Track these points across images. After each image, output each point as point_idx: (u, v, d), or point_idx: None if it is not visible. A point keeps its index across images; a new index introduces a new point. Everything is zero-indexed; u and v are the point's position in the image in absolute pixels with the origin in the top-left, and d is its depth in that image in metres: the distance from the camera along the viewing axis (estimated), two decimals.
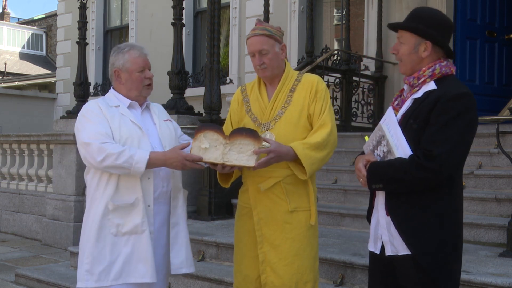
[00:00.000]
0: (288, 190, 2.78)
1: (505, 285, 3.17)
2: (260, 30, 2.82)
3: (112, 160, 2.65)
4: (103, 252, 2.74)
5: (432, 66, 2.32)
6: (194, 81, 10.32)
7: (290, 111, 2.81)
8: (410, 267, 2.26)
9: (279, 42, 2.85)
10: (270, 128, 2.81)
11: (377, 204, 2.39)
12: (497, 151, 4.99)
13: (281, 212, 2.79)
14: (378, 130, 2.32)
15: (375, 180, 2.27)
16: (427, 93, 2.28)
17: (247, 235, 2.89)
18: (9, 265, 5.97)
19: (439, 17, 2.37)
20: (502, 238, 4.11)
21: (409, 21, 2.36)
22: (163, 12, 10.15)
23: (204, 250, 4.74)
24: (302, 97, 2.83)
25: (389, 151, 2.26)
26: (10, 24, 28.49)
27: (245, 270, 2.90)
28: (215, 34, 5.96)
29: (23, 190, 8.24)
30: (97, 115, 2.78)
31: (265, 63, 2.80)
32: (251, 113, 2.91)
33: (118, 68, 2.87)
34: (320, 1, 9.35)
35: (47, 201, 7.46)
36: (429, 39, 2.31)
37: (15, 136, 8.34)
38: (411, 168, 2.17)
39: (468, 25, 7.34)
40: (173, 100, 6.07)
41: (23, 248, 7.04)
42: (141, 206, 2.75)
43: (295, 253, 2.78)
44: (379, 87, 7.78)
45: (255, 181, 2.82)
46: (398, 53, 2.39)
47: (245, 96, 2.99)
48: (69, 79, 12.03)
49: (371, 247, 2.44)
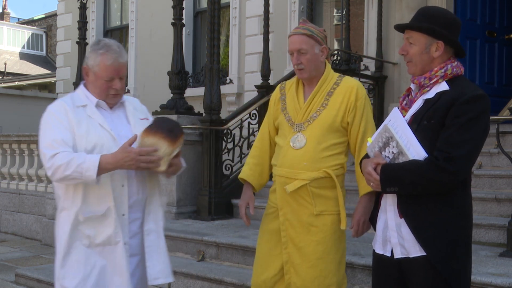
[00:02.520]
0: (314, 193, 2.77)
1: (505, 285, 3.17)
2: (302, 29, 2.81)
3: (61, 172, 2.45)
4: (77, 265, 2.56)
5: (444, 66, 2.29)
6: (194, 81, 10.32)
7: (324, 114, 2.79)
8: (421, 269, 2.23)
9: (320, 44, 2.83)
10: (303, 129, 2.80)
11: (385, 206, 2.36)
12: (497, 151, 4.99)
13: (307, 214, 2.79)
14: (384, 131, 2.26)
15: (390, 184, 2.21)
16: (439, 94, 2.26)
17: (270, 234, 2.88)
18: (9, 265, 5.97)
19: (451, 17, 2.35)
20: (502, 238, 4.11)
21: (419, 21, 2.31)
22: (163, 12, 10.14)
23: (204, 250, 4.74)
24: (339, 102, 2.80)
25: (400, 152, 2.21)
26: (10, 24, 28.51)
27: (260, 268, 2.89)
28: (215, 34, 5.95)
29: (23, 190, 8.24)
30: (58, 119, 2.56)
31: (302, 63, 2.79)
32: (285, 112, 2.90)
33: (88, 66, 2.63)
34: (320, 1, 9.34)
35: (47, 201, 7.46)
36: (442, 39, 2.28)
37: (15, 136, 8.34)
38: (430, 171, 2.14)
39: (468, 25, 7.33)
40: (173, 100, 6.07)
41: (23, 248, 7.04)
42: (113, 216, 2.56)
43: (319, 256, 2.76)
44: (379, 87, 7.77)
45: (283, 182, 2.81)
46: (408, 54, 2.33)
47: (282, 94, 2.97)
48: (69, 79, 12.03)
49: (378, 249, 2.41)
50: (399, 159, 2.22)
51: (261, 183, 3.02)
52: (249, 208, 2.97)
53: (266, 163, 2.99)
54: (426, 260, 2.22)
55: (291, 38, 2.83)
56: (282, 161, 2.82)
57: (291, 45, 2.81)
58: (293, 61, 2.82)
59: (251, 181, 2.99)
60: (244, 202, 2.99)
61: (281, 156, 2.84)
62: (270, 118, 3.01)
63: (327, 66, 2.90)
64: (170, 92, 6.18)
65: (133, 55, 11.25)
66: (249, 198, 2.99)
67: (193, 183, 5.96)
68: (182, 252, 4.90)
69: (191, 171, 5.93)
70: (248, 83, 9.08)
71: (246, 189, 3.01)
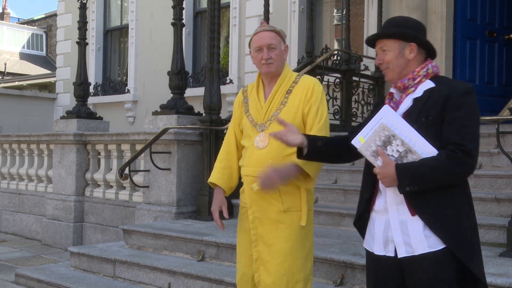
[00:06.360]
0: (281, 190, 2.80)
1: (505, 285, 3.16)
2: (268, 27, 2.89)
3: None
4: None
5: (424, 66, 2.39)
6: (194, 81, 10.32)
7: (284, 112, 2.84)
8: (429, 265, 2.26)
9: (284, 42, 2.92)
10: (265, 128, 2.85)
11: (384, 208, 2.37)
12: (497, 151, 4.99)
13: (275, 211, 2.83)
14: (382, 130, 2.26)
15: (411, 182, 2.22)
16: (428, 91, 2.33)
17: (245, 234, 2.94)
18: (9, 265, 5.97)
19: (416, 21, 2.48)
20: (502, 238, 4.11)
21: (390, 29, 2.43)
22: (163, 12, 10.15)
23: (204, 250, 4.74)
24: (298, 99, 2.86)
25: (408, 150, 2.23)
26: (10, 24, 28.49)
27: (242, 268, 2.95)
28: (215, 34, 5.95)
29: (23, 190, 8.24)
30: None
31: (272, 58, 2.84)
32: (248, 114, 2.95)
33: None
34: (320, 1, 9.34)
35: (47, 201, 7.46)
36: (414, 41, 2.38)
37: (15, 136, 8.34)
38: (453, 165, 2.21)
39: (468, 25, 7.34)
40: (173, 100, 6.07)
41: (23, 248, 7.04)
42: None
43: (287, 252, 2.80)
44: (379, 87, 7.77)
45: (250, 181, 2.85)
46: (384, 62, 2.43)
47: (245, 97, 3.03)
48: (69, 79, 12.03)
49: (378, 251, 2.41)
50: (408, 157, 2.24)
51: (231, 186, 3.06)
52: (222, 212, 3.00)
53: (234, 165, 3.03)
54: (435, 255, 2.24)
55: (259, 35, 2.87)
56: (248, 161, 2.88)
57: (260, 41, 2.85)
58: (260, 56, 2.85)
59: (220, 184, 3.02)
60: (217, 207, 3.01)
61: (247, 156, 2.90)
62: (235, 121, 3.06)
63: (286, 65, 2.97)
64: (170, 92, 6.18)
65: (133, 55, 11.25)
66: (221, 202, 3.02)
67: (193, 183, 5.96)
68: (182, 252, 4.91)
69: (191, 171, 5.93)
70: (248, 83, 9.07)
71: (217, 193, 3.04)
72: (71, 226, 7.04)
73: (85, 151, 7.21)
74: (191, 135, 5.89)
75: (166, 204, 5.91)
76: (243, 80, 9.39)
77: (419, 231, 2.28)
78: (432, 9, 7.19)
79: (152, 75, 10.79)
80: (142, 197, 6.31)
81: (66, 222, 7.11)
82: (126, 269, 4.85)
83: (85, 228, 7.06)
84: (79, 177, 7.15)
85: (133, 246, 5.31)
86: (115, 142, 6.82)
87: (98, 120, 7.53)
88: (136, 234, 5.30)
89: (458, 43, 7.25)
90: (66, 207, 7.15)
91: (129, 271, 4.83)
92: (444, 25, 7.14)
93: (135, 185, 6.23)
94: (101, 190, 7.00)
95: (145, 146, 5.70)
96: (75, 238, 7.01)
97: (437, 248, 2.26)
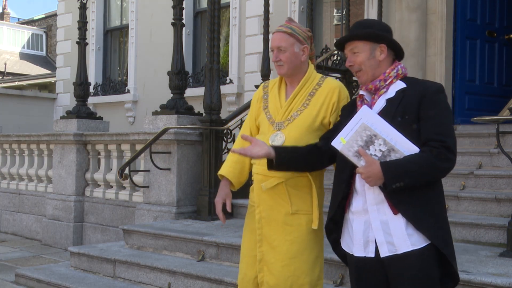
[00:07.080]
0: (290, 192, 2.77)
1: (505, 285, 3.16)
2: (284, 27, 2.85)
3: None
4: None
5: (394, 68, 2.44)
6: (194, 81, 10.32)
7: (305, 114, 2.80)
8: (413, 263, 2.26)
9: (301, 43, 2.84)
10: (282, 128, 2.81)
11: (363, 208, 2.36)
12: (497, 151, 4.99)
13: (282, 213, 2.78)
14: (364, 130, 2.27)
15: (398, 179, 2.23)
16: (400, 92, 2.38)
17: (250, 233, 2.89)
18: (9, 265, 5.97)
19: (383, 23, 2.54)
20: (502, 238, 4.11)
21: (359, 30, 2.45)
22: (163, 12, 10.15)
23: (204, 250, 4.74)
24: (320, 103, 2.82)
25: (391, 149, 2.24)
26: (10, 24, 28.49)
27: (244, 269, 2.90)
28: (215, 34, 5.95)
29: (23, 190, 8.24)
30: None
31: (281, 60, 2.82)
32: (267, 110, 2.91)
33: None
34: (320, 1, 9.34)
35: (47, 201, 7.46)
36: (384, 42, 2.42)
37: (15, 136, 8.34)
38: (438, 161, 2.24)
39: (468, 25, 7.33)
40: (173, 100, 6.07)
41: (23, 248, 7.04)
42: None
43: (293, 255, 2.76)
44: None
45: (260, 180, 2.82)
46: (355, 64, 2.46)
47: (265, 93, 2.99)
48: (69, 79, 12.03)
49: (358, 252, 2.40)
50: (391, 156, 2.26)
51: (240, 181, 2.99)
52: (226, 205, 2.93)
53: (246, 160, 2.96)
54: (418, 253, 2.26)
55: (273, 35, 2.87)
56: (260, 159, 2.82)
57: (272, 42, 2.86)
58: (273, 57, 2.87)
59: (230, 177, 2.95)
60: (221, 199, 2.93)
61: None
62: (252, 116, 3.02)
63: (310, 66, 2.92)
64: (170, 92, 6.18)
65: (133, 55, 11.24)
66: (226, 195, 2.95)
67: (193, 183, 5.96)
68: (182, 252, 4.91)
69: (191, 171, 5.93)
70: (248, 83, 9.08)
71: (223, 186, 2.97)
72: (71, 226, 7.04)
73: (85, 151, 7.22)
74: (191, 135, 5.89)
75: (166, 204, 5.91)
76: (243, 80, 9.39)
77: (402, 229, 2.28)
78: (432, 9, 7.19)
79: (152, 75, 10.79)
80: (142, 197, 6.31)
81: (66, 222, 7.11)
82: (126, 269, 4.85)
83: (85, 228, 7.06)
84: (79, 177, 7.16)
85: (133, 246, 5.31)
86: (115, 142, 6.82)
87: (98, 120, 7.54)
88: (136, 234, 5.30)
89: (458, 43, 7.25)
90: (66, 207, 7.15)
91: (129, 271, 4.83)
92: (444, 25, 7.13)
93: (135, 185, 6.23)
94: (101, 190, 7.00)
95: (145, 146, 5.70)
96: (75, 238, 7.01)
97: (420, 246, 2.27)
